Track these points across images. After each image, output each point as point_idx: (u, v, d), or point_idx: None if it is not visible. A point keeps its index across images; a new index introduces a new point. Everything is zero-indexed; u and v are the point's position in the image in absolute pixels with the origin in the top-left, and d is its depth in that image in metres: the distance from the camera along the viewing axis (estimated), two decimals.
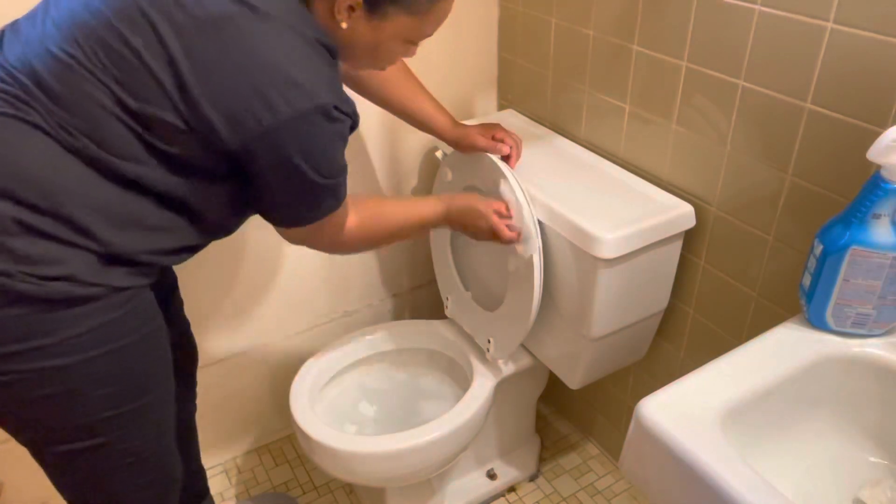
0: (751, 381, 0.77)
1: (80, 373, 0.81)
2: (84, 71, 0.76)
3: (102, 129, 0.77)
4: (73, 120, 0.77)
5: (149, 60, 0.76)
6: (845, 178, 0.93)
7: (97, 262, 0.79)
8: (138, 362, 0.87)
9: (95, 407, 0.84)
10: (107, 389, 0.84)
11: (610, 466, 1.63)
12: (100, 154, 0.78)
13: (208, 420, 1.56)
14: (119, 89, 0.77)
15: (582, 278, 1.12)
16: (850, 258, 0.78)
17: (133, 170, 0.79)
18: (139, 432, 0.91)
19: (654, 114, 1.17)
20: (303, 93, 0.78)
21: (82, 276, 0.78)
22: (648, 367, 1.41)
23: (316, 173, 0.83)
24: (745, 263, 1.11)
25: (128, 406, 0.87)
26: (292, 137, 0.79)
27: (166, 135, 0.79)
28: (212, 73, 0.76)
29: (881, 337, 0.82)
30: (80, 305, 0.79)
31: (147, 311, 0.88)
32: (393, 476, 1.26)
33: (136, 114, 0.77)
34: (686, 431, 0.69)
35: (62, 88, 0.77)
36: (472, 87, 1.52)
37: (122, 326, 0.83)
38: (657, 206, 1.14)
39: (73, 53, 0.77)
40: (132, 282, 0.83)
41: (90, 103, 0.77)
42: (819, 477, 0.81)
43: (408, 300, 1.74)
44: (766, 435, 0.79)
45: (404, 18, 0.87)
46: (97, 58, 0.76)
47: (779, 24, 0.94)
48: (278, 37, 0.78)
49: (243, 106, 0.77)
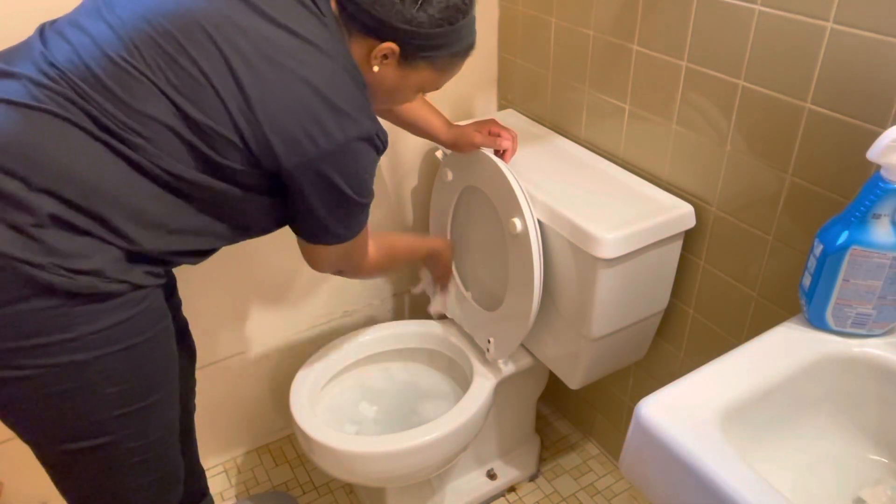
0: (751, 381, 0.77)
1: (96, 369, 0.82)
2: (144, 78, 0.80)
3: (157, 133, 0.80)
4: (128, 121, 0.79)
5: (215, 81, 0.80)
6: (845, 178, 0.93)
7: (123, 259, 0.82)
8: (149, 361, 0.89)
9: (106, 404, 0.85)
10: (118, 387, 0.85)
11: (610, 466, 1.63)
12: (149, 156, 0.80)
13: (208, 420, 1.56)
14: (181, 100, 0.80)
15: (582, 278, 1.12)
16: (850, 258, 0.78)
17: (180, 173, 0.82)
18: (145, 431, 0.91)
19: (654, 114, 1.17)
20: (354, 122, 0.85)
21: (109, 272, 0.80)
22: (648, 367, 1.41)
23: (357, 194, 0.90)
24: (745, 263, 1.11)
25: (136, 404, 0.88)
26: (341, 161, 0.86)
27: (220, 147, 0.82)
28: (274, 98, 0.82)
29: (881, 337, 0.82)
30: (102, 301, 0.80)
31: (159, 310, 0.89)
32: (393, 476, 1.26)
33: (195, 123, 0.81)
34: (686, 431, 0.70)
35: (121, 91, 0.79)
36: (472, 87, 1.52)
37: (137, 324, 0.85)
38: (657, 206, 1.14)
39: (131, 61, 0.79)
40: (150, 281, 0.85)
41: (149, 107, 0.80)
42: (819, 477, 0.81)
43: (408, 300, 1.74)
44: (766, 435, 0.79)
45: (428, 72, 0.94)
46: (159, 68, 0.80)
47: (779, 24, 0.94)
48: (332, 70, 0.85)
49: (302, 131, 0.83)
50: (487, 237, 1.33)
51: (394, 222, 1.59)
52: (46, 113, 0.77)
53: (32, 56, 0.81)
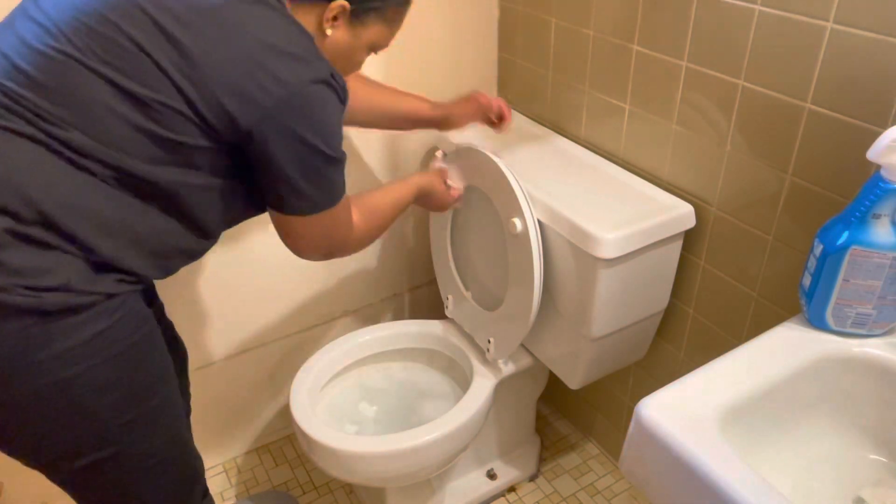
0: (751, 381, 0.77)
1: (81, 384, 0.80)
2: (73, 61, 0.76)
3: (99, 121, 0.76)
4: (64, 113, 0.76)
5: (150, 49, 0.76)
6: (845, 178, 0.93)
7: (89, 269, 0.78)
8: (137, 367, 0.86)
9: (102, 417, 0.83)
10: (111, 398, 0.83)
11: (610, 466, 1.63)
12: (96, 154, 0.77)
13: (208, 420, 1.56)
14: (115, 74, 0.76)
15: (582, 278, 1.12)
16: (850, 258, 0.78)
17: (131, 169, 0.78)
18: (152, 435, 0.90)
19: (654, 114, 1.17)
20: (305, 64, 0.81)
21: (76, 284, 0.77)
22: (648, 367, 1.41)
23: (326, 146, 0.84)
24: (745, 263, 1.11)
25: (135, 412, 0.86)
26: (301, 109, 0.80)
27: (168, 122, 0.78)
28: (215, 53, 0.77)
29: (881, 337, 0.82)
30: (75, 315, 0.77)
31: (139, 314, 0.86)
32: (393, 476, 1.26)
33: (135, 98, 0.76)
34: (686, 431, 0.69)
35: (53, 81, 0.76)
36: (472, 87, 1.52)
37: (117, 332, 0.82)
38: (657, 206, 1.14)
39: (58, 46, 0.76)
40: (122, 288, 0.82)
41: (85, 94, 0.76)
42: (819, 477, 0.81)
43: (408, 300, 1.74)
44: (765, 435, 0.79)
45: (378, 26, 0.93)
46: (89, 49, 0.76)
47: (779, 24, 0.94)
48: (272, 18, 0.81)
49: (253, 83, 0.77)
50: (487, 237, 1.33)
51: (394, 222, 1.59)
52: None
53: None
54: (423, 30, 1.39)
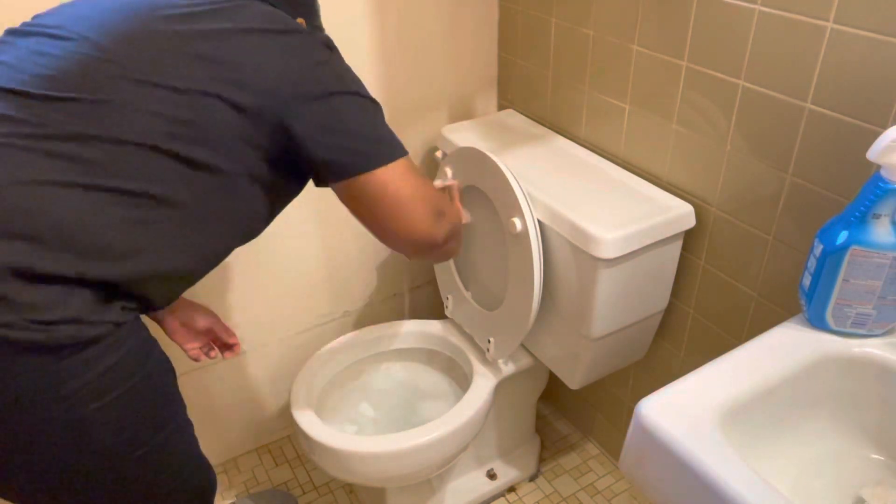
0: (751, 381, 0.77)
1: (98, 422, 0.76)
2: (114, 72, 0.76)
3: (130, 123, 0.75)
4: (86, 127, 0.74)
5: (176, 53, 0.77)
6: (845, 178, 0.93)
7: (95, 298, 0.74)
8: (151, 398, 0.83)
9: (119, 452, 0.80)
10: (127, 434, 0.80)
11: (610, 466, 1.63)
12: (105, 171, 0.74)
13: (208, 420, 1.56)
14: (155, 76, 0.76)
15: (582, 278, 1.12)
16: (850, 258, 0.78)
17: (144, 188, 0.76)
18: (169, 462, 0.87)
19: (654, 114, 1.17)
20: (306, 33, 0.84)
21: (86, 315, 0.73)
22: (648, 367, 1.41)
23: (355, 87, 0.84)
24: (745, 263, 1.11)
25: (151, 443, 0.83)
26: (316, 68, 0.81)
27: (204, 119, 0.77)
28: (224, 53, 0.78)
29: (881, 337, 0.82)
30: (87, 349, 0.74)
31: (146, 342, 0.83)
32: (393, 476, 1.26)
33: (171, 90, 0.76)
34: (686, 431, 0.69)
35: (83, 93, 0.75)
36: (472, 87, 1.52)
37: (128, 365, 0.78)
38: (657, 206, 1.14)
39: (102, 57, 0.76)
40: (126, 316, 0.78)
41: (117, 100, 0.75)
42: (819, 477, 0.81)
43: (408, 300, 1.74)
44: (765, 435, 0.79)
45: None
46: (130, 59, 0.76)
47: (779, 24, 0.94)
48: (261, 9, 0.83)
49: (267, 62, 0.79)
50: (487, 237, 1.33)
51: None
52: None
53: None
54: (424, 30, 1.39)
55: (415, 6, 1.36)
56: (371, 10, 1.32)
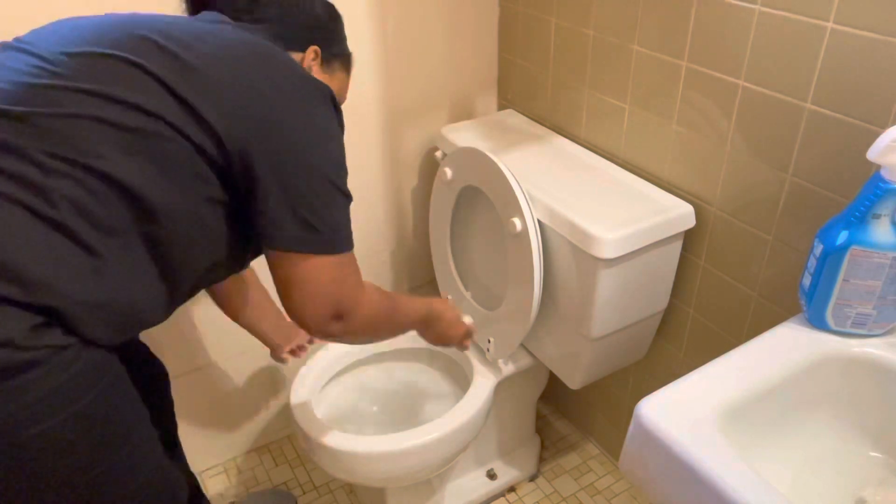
0: (751, 381, 0.77)
1: (39, 446, 0.71)
2: (65, 89, 0.73)
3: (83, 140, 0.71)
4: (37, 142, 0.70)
5: (151, 68, 0.74)
6: (845, 178, 0.93)
7: (31, 322, 0.68)
8: (102, 421, 0.77)
9: (65, 478, 0.75)
10: (73, 458, 0.75)
11: (610, 466, 1.63)
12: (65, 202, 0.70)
13: (208, 420, 1.56)
14: (114, 91, 0.73)
15: (582, 278, 1.12)
16: (850, 258, 0.78)
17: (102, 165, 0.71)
18: (127, 481, 0.82)
19: (654, 114, 1.17)
20: (304, 79, 0.80)
21: (20, 340, 0.67)
22: (648, 367, 1.41)
23: (334, 173, 0.80)
24: (745, 263, 1.11)
25: (104, 465, 0.78)
26: (297, 125, 0.77)
27: (162, 145, 0.73)
28: (217, 68, 0.76)
29: (881, 337, 0.82)
30: (24, 373, 0.68)
31: (98, 362, 0.76)
32: (393, 476, 1.26)
33: (130, 119, 0.72)
34: (686, 431, 0.69)
35: (32, 111, 0.71)
36: (472, 87, 1.52)
37: (74, 387, 0.72)
38: (657, 206, 1.14)
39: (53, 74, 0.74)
40: (71, 339, 0.72)
41: (72, 115, 0.72)
42: (819, 477, 0.81)
43: None
44: (765, 435, 0.79)
45: (342, 73, 0.98)
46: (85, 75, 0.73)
47: (779, 24, 0.94)
48: (254, 39, 0.82)
49: (244, 94, 0.75)
50: (487, 237, 1.33)
51: (394, 222, 1.59)
52: None
53: None
54: (423, 30, 1.39)
55: (415, 6, 1.36)
56: (371, 10, 1.32)
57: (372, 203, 1.53)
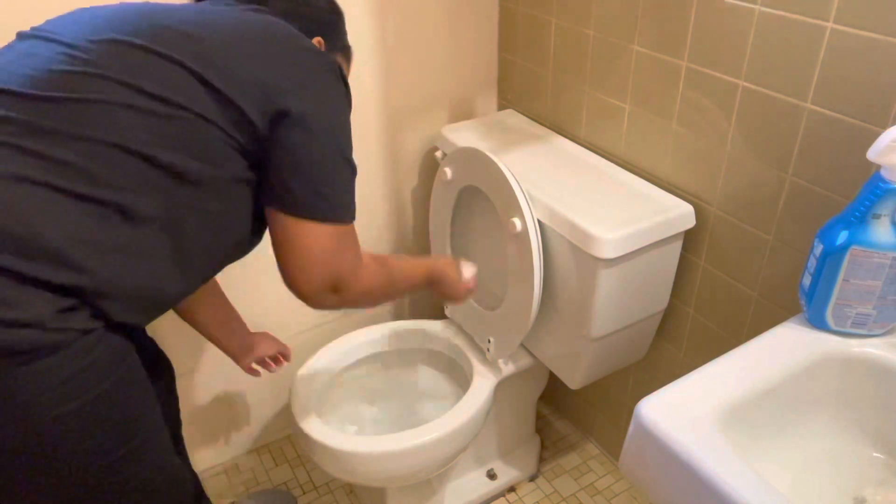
0: (751, 381, 0.77)
1: (57, 432, 0.72)
2: (96, 76, 0.75)
3: (111, 125, 0.73)
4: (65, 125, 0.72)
5: (174, 53, 0.77)
6: (845, 178, 0.93)
7: (58, 304, 0.70)
8: (118, 408, 0.78)
9: (81, 463, 0.76)
10: (90, 443, 0.76)
11: (610, 466, 1.63)
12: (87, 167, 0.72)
13: (208, 420, 1.56)
14: (142, 82, 0.75)
15: (582, 278, 1.12)
16: (850, 258, 0.78)
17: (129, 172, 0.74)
18: (137, 472, 0.83)
19: (654, 114, 1.17)
20: (317, 53, 0.85)
21: (49, 321, 0.69)
22: (648, 367, 1.41)
23: (340, 142, 0.84)
24: (745, 263, 1.11)
25: (117, 453, 0.79)
26: (313, 94, 0.81)
27: (187, 129, 0.76)
28: (238, 48, 0.79)
29: (881, 337, 0.82)
30: (48, 356, 0.69)
31: (118, 348, 0.78)
32: (393, 476, 1.26)
33: (157, 102, 0.75)
34: (686, 431, 0.69)
35: (63, 95, 0.73)
36: (472, 87, 1.52)
37: (94, 373, 0.74)
38: (657, 206, 1.14)
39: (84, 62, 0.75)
40: (97, 323, 0.74)
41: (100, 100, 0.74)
42: (819, 477, 0.81)
43: (408, 300, 1.74)
44: (765, 435, 0.79)
45: (345, 65, 1.01)
46: (111, 64, 0.75)
47: (779, 24, 0.94)
48: (269, 19, 0.86)
49: (269, 75, 0.79)
50: (487, 236, 1.33)
51: (394, 222, 1.59)
52: None
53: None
54: (424, 30, 1.39)
55: (415, 6, 1.36)
56: (371, 10, 1.32)
57: (372, 203, 1.53)
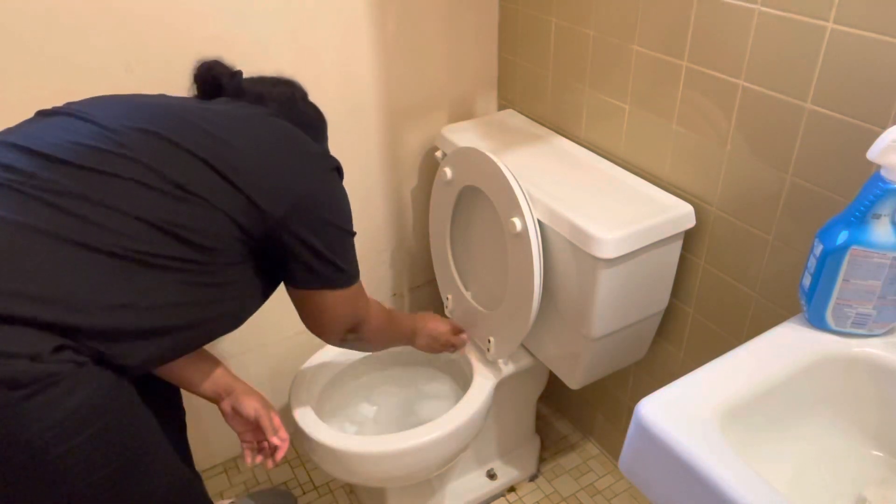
0: (751, 381, 0.77)
1: (61, 467, 0.72)
2: (118, 155, 0.81)
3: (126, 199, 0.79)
4: (86, 191, 0.77)
5: (195, 150, 0.84)
6: (845, 178, 0.93)
7: (54, 341, 0.71)
8: (125, 433, 0.80)
9: (94, 489, 0.77)
10: (102, 473, 0.77)
11: (610, 466, 1.63)
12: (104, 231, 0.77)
13: (209, 420, 1.56)
14: (162, 168, 0.82)
15: (582, 278, 1.12)
16: (850, 258, 0.78)
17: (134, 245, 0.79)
18: (148, 488, 0.84)
19: (654, 114, 1.17)
20: (322, 158, 0.95)
21: (45, 354, 0.70)
22: (648, 367, 1.41)
23: (345, 223, 0.97)
24: (745, 263, 1.11)
25: (129, 478, 0.81)
26: (323, 196, 0.93)
27: (199, 217, 0.83)
28: (253, 152, 0.87)
29: (881, 337, 0.82)
30: (51, 388, 0.70)
31: (113, 377, 0.78)
32: (393, 476, 1.26)
33: (173, 189, 0.81)
34: (686, 431, 0.69)
35: (87, 164, 0.79)
36: (472, 87, 1.52)
37: (98, 402, 0.75)
38: (657, 206, 1.14)
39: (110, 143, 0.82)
40: (84, 358, 0.75)
41: (118, 176, 0.80)
42: (819, 477, 0.81)
43: (408, 300, 1.74)
44: (765, 435, 0.79)
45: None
46: (141, 150, 0.82)
47: (779, 24, 0.94)
48: (289, 127, 0.96)
49: (280, 179, 0.88)
50: (487, 237, 1.33)
51: (394, 222, 1.59)
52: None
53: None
54: (424, 30, 1.39)
55: (415, 6, 1.36)
56: (371, 10, 1.32)
57: (372, 203, 1.53)
